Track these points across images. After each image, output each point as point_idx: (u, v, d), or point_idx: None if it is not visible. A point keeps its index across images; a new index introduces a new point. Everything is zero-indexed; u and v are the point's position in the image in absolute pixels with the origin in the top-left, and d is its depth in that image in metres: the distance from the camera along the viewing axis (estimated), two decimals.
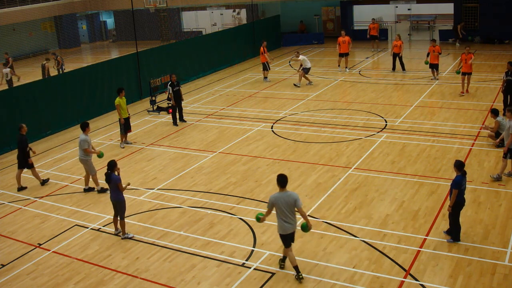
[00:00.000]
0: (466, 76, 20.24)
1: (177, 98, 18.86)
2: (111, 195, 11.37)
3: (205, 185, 13.87)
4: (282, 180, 9.20)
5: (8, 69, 27.25)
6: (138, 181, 14.43)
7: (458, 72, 20.51)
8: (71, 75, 21.05)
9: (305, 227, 9.30)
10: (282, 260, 9.91)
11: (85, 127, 13.79)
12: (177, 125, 19.06)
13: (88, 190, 13.99)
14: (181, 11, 41.26)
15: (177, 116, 19.21)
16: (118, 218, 11.44)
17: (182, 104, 19.44)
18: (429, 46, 22.65)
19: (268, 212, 9.44)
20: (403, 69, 24.57)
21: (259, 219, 9.62)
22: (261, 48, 24.56)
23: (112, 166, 11.19)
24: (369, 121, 17.89)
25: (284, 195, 9.18)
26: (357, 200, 12.35)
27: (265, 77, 24.91)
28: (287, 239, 9.40)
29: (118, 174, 11.29)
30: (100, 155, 13.89)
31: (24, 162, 14.44)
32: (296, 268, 9.43)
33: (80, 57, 36.04)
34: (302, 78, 23.42)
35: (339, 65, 25.96)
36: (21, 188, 14.53)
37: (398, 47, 24.20)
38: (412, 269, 9.56)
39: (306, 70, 23.38)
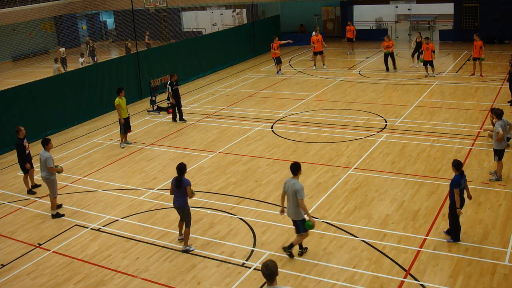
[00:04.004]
0: (477, 61, 22.31)
1: (177, 97, 19.00)
2: (176, 200, 10.53)
3: (205, 185, 13.87)
4: (292, 168, 9.80)
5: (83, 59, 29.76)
6: (138, 181, 14.44)
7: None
8: (71, 75, 21.05)
9: (308, 225, 9.72)
10: (289, 247, 10.19)
11: (46, 143, 12.67)
12: (176, 121, 19.31)
13: (56, 215, 12.74)
14: (181, 11, 41.26)
15: (177, 114, 19.43)
16: (184, 226, 10.72)
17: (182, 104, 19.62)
18: (423, 44, 23.26)
19: (282, 194, 10.00)
20: (395, 67, 25.11)
21: (193, 192, 10.49)
22: (274, 43, 25.49)
23: (182, 170, 10.38)
24: (369, 121, 17.89)
25: (291, 181, 9.73)
26: (357, 200, 12.35)
27: (279, 71, 26.05)
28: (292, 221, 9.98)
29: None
30: (59, 167, 12.94)
31: (23, 166, 14.09)
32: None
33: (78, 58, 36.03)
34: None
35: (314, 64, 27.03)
36: (30, 191, 14.28)
37: (390, 47, 24.65)
38: (412, 269, 9.56)
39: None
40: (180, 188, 10.39)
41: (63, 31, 40.57)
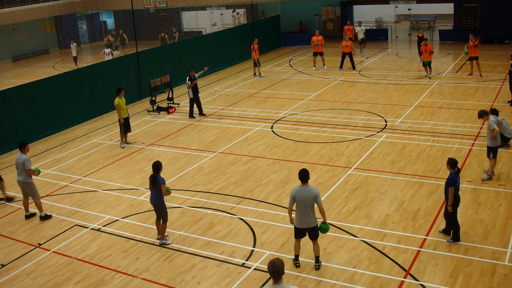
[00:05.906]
0: (474, 61, 22.48)
1: (195, 92, 19.47)
2: (152, 197, 10.79)
3: (205, 185, 13.87)
4: (303, 174, 9.38)
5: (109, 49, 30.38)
6: (138, 181, 14.44)
7: (466, 53, 22.72)
8: (71, 75, 21.05)
9: (324, 228, 9.52)
10: (295, 259, 9.91)
11: (24, 146, 12.43)
12: (194, 117, 19.68)
13: (29, 216, 12.73)
14: (181, 11, 41.25)
15: (194, 109, 19.88)
16: (161, 222, 10.89)
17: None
18: (421, 46, 23.51)
19: (291, 206, 9.48)
20: (353, 67, 26.06)
21: (168, 189, 10.72)
22: (253, 45, 25.51)
23: (157, 168, 10.61)
24: (369, 121, 17.90)
25: (305, 189, 9.33)
26: (357, 200, 12.36)
27: (255, 73, 26.12)
28: (298, 232, 9.58)
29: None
30: (36, 171, 12.52)
31: None
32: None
33: (80, 57, 36.03)
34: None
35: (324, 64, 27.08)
36: (9, 199, 13.95)
37: (349, 47, 25.72)
38: (412, 269, 9.57)
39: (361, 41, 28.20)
40: (155, 186, 10.64)
41: (63, 31, 40.57)
